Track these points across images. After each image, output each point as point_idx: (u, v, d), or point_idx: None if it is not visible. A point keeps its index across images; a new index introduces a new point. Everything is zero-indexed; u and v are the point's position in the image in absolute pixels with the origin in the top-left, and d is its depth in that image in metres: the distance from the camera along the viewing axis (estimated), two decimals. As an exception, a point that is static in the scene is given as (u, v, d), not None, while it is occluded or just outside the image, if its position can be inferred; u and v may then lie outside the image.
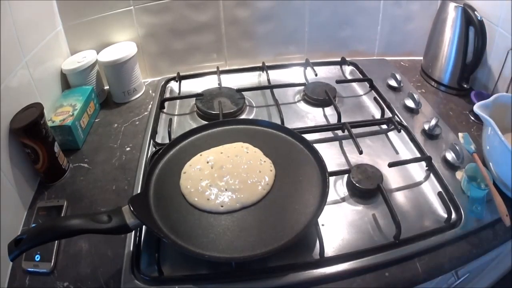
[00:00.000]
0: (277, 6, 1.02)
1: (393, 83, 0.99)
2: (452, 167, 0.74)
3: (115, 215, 0.54)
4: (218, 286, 0.55)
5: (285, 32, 1.07)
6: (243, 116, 0.90)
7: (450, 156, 0.75)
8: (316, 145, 0.73)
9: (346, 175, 0.72)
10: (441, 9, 0.97)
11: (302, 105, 0.94)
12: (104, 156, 0.81)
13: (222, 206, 0.61)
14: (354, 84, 1.02)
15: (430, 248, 0.60)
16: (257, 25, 1.05)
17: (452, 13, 0.92)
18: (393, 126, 0.83)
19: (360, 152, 0.73)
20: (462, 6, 0.90)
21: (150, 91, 1.02)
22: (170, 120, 0.86)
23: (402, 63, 1.13)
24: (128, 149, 0.83)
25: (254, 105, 0.94)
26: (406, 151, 0.79)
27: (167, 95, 1.01)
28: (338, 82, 0.99)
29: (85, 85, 0.92)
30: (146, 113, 0.94)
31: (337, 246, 0.60)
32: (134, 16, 0.97)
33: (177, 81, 1.03)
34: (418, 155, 0.76)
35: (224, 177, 0.65)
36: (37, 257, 0.60)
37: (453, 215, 0.64)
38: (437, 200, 0.67)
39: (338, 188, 0.71)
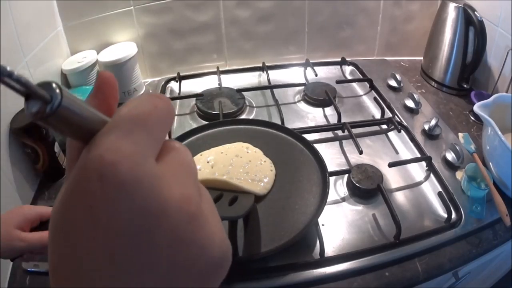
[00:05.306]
0: (277, 6, 1.02)
1: (393, 83, 0.99)
2: (452, 167, 0.74)
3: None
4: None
5: (285, 32, 1.07)
6: (243, 116, 0.90)
7: (450, 156, 0.75)
8: (316, 145, 0.73)
9: (346, 175, 0.72)
10: (441, 9, 0.97)
11: (302, 105, 0.94)
12: (104, 156, 0.81)
13: (222, 206, 0.60)
14: (354, 84, 1.02)
15: (430, 248, 0.60)
16: (257, 25, 1.05)
17: (452, 13, 0.93)
18: (393, 126, 0.83)
19: (360, 152, 0.73)
20: (462, 6, 0.90)
21: (150, 91, 1.02)
22: (170, 120, 0.86)
23: (402, 63, 1.14)
24: (128, 149, 0.83)
25: (254, 105, 0.94)
26: (406, 151, 0.79)
27: (167, 95, 1.01)
28: (338, 82, 0.99)
29: (86, 85, 0.92)
30: (146, 113, 0.94)
31: (337, 246, 0.60)
32: (134, 16, 0.97)
33: (177, 81, 1.03)
34: (418, 155, 0.76)
35: (225, 177, 0.65)
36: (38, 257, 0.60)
37: (453, 215, 0.64)
38: (437, 200, 0.67)
39: (338, 188, 0.71)
